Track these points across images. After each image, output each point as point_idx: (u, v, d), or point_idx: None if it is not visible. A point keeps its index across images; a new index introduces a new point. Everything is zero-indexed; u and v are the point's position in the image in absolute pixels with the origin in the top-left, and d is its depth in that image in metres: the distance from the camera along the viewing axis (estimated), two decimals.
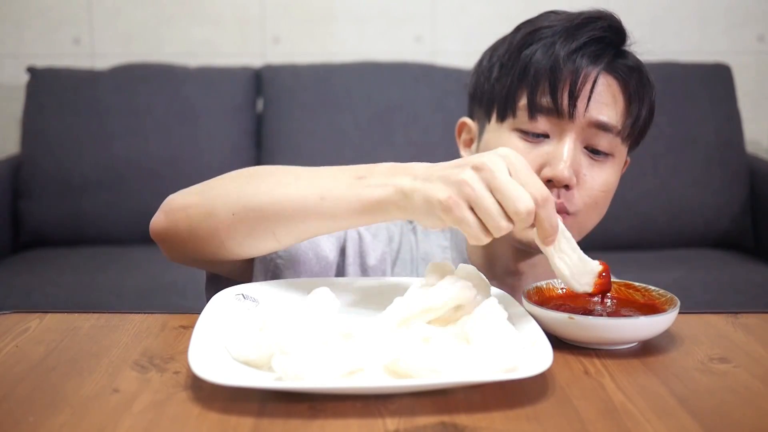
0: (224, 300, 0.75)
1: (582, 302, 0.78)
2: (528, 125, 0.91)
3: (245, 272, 0.90)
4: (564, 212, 0.90)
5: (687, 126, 2.36)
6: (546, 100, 0.90)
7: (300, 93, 2.38)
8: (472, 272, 0.75)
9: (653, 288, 0.78)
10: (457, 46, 2.61)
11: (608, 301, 0.78)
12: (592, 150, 0.92)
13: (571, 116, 0.90)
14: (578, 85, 0.89)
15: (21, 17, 2.56)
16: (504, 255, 0.98)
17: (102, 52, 2.58)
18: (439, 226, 0.70)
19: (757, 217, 2.37)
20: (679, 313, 0.73)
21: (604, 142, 0.92)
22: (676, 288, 0.82)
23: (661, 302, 0.76)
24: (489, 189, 0.66)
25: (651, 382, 0.65)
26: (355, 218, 0.74)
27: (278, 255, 0.87)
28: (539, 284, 0.80)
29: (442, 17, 2.61)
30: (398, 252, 0.99)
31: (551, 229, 0.68)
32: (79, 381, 0.64)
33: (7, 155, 2.44)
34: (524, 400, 0.61)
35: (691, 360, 0.70)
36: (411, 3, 2.60)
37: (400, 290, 0.77)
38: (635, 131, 0.94)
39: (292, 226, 0.77)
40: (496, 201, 0.66)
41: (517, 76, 0.91)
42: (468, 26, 2.60)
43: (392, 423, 0.57)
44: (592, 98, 0.90)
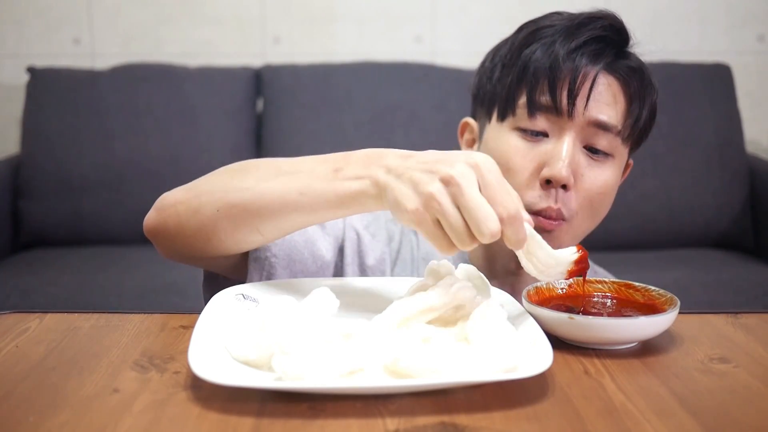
0: (224, 300, 0.76)
1: (582, 302, 0.78)
2: (527, 123, 0.91)
3: (239, 269, 0.90)
4: (560, 218, 0.90)
5: (687, 126, 2.36)
6: (545, 99, 0.90)
7: (300, 93, 2.38)
8: (472, 272, 0.75)
9: (653, 288, 0.78)
10: (457, 47, 2.61)
11: (608, 302, 0.78)
12: (592, 150, 0.92)
13: (570, 115, 0.90)
14: (577, 84, 0.89)
15: (21, 17, 2.56)
16: (504, 255, 0.97)
17: (102, 52, 2.58)
18: (411, 227, 0.69)
19: (757, 217, 2.37)
20: (679, 313, 0.73)
21: (604, 142, 0.91)
22: (676, 288, 0.82)
23: (661, 302, 0.76)
24: (456, 205, 0.64)
25: (651, 382, 0.65)
26: (334, 212, 0.74)
27: (273, 254, 0.87)
28: (539, 284, 0.80)
29: (442, 17, 2.61)
30: (399, 252, 0.99)
31: (517, 244, 0.66)
32: (79, 381, 0.64)
33: (7, 155, 2.44)
34: (524, 400, 0.61)
35: (691, 360, 0.70)
36: (411, 3, 2.60)
37: (400, 290, 0.77)
38: (636, 132, 0.94)
39: (275, 222, 0.77)
40: (462, 218, 0.65)
41: (517, 75, 0.92)
42: (468, 26, 2.60)
43: (392, 423, 0.57)
44: (592, 97, 0.90)
